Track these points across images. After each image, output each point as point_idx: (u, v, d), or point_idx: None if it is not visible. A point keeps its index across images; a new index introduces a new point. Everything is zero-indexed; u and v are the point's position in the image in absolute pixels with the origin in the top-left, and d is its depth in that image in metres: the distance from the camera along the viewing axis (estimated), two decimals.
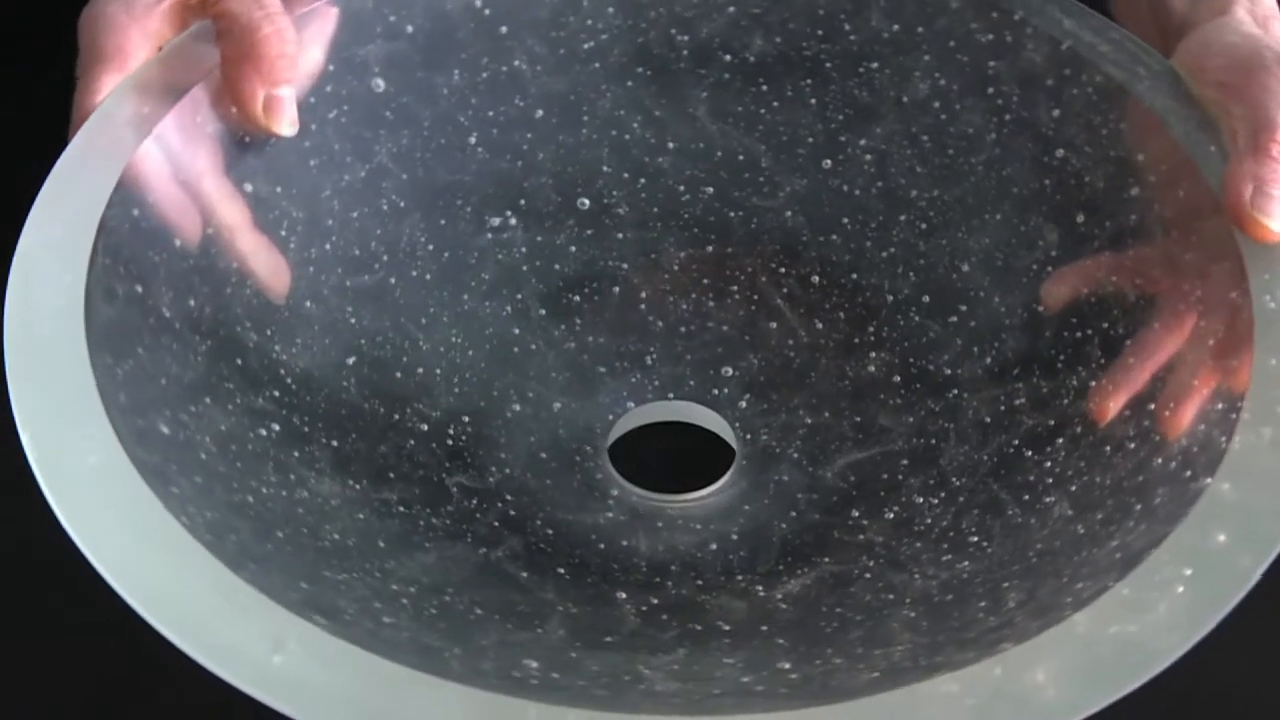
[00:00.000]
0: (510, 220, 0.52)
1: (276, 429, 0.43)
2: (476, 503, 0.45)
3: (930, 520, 0.44)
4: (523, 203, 0.52)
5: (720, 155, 0.53)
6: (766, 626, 0.41)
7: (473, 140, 0.52)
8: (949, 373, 0.49)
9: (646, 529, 0.46)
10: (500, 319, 0.51)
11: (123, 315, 0.41)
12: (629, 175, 0.53)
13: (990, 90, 0.50)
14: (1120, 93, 0.47)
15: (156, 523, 0.35)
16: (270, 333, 0.46)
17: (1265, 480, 0.36)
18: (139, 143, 0.44)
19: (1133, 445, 0.41)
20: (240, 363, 0.44)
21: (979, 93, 0.50)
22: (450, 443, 0.47)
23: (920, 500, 0.45)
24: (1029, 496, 0.43)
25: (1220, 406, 0.39)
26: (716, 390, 0.51)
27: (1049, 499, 0.42)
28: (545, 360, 0.51)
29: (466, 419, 0.48)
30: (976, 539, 0.42)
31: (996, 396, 0.47)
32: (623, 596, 0.43)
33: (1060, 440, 0.44)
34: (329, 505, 0.42)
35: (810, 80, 0.53)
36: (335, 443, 0.45)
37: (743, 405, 0.50)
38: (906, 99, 0.52)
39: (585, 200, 0.53)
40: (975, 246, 0.50)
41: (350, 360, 0.48)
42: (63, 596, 0.43)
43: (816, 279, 0.52)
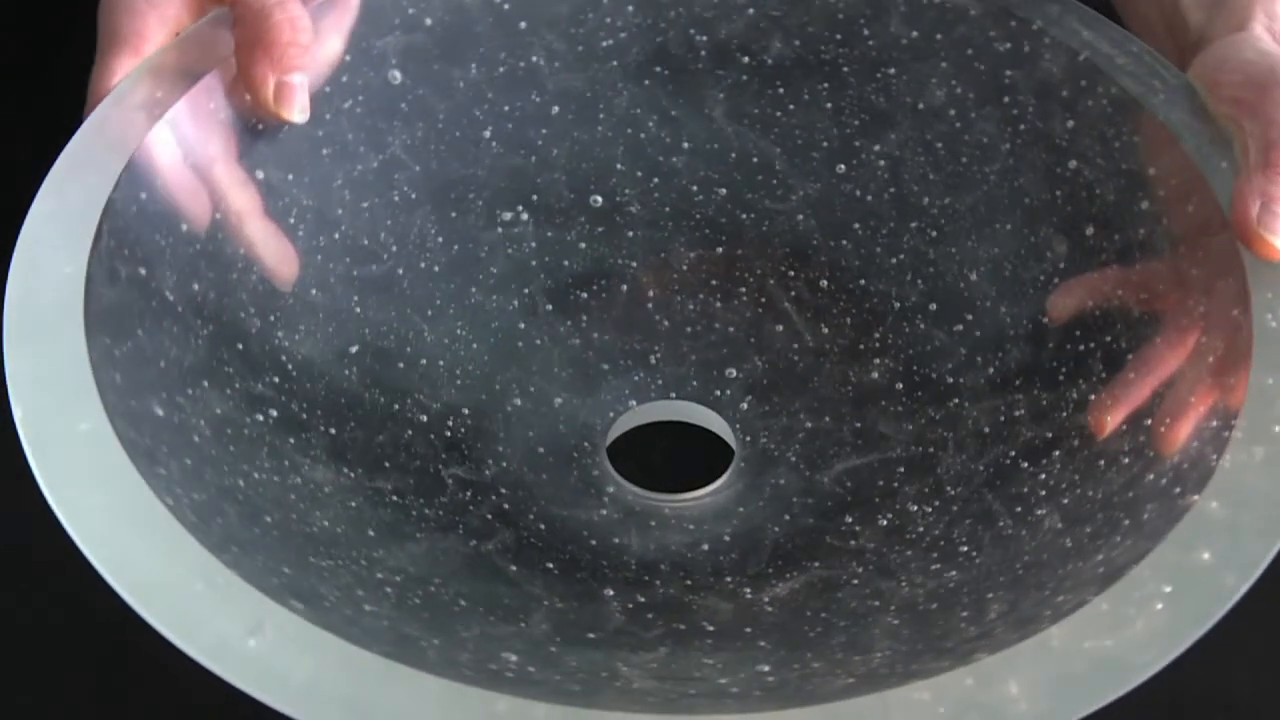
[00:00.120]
0: (522, 215, 0.52)
1: (274, 414, 0.44)
2: (471, 495, 0.46)
3: (922, 529, 0.44)
4: (535, 198, 0.52)
5: (734, 157, 0.53)
6: (750, 629, 0.41)
7: (487, 134, 0.52)
8: (951, 381, 0.48)
9: (640, 527, 0.46)
10: (506, 313, 0.51)
11: (124, 297, 0.41)
12: (642, 174, 0.53)
13: (1006, 99, 0.50)
14: (1135, 106, 0.47)
15: (139, 501, 0.35)
16: (274, 319, 0.46)
17: (1254, 499, 0.36)
18: (150, 126, 0.44)
19: (1127, 460, 0.41)
20: (241, 348, 0.44)
21: (995, 101, 0.50)
22: (449, 434, 0.47)
23: (914, 508, 0.45)
24: (1021, 508, 0.42)
25: (1214, 424, 0.39)
26: (719, 391, 0.51)
27: (1040, 511, 0.42)
28: (549, 356, 0.51)
29: (466, 411, 0.48)
30: (966, 549, 0.42)
31: (997, 407, 0.47)
32: (610, 593, 0.42)
33: (1056, 453, 0.43)
34: (321, 492, 0.42)
35: (827, 84, 0.52)
36: (333, 430, 0.45)
37: (744, 407, 0.50)
38: (922, 105, 0.51)
39: (598, 197, 0.53)
40: (984, 256, 0.50)
41: (353, 349, 0.48)
42: (63, 597, 0.43)
43: (825, 283, 0.52)
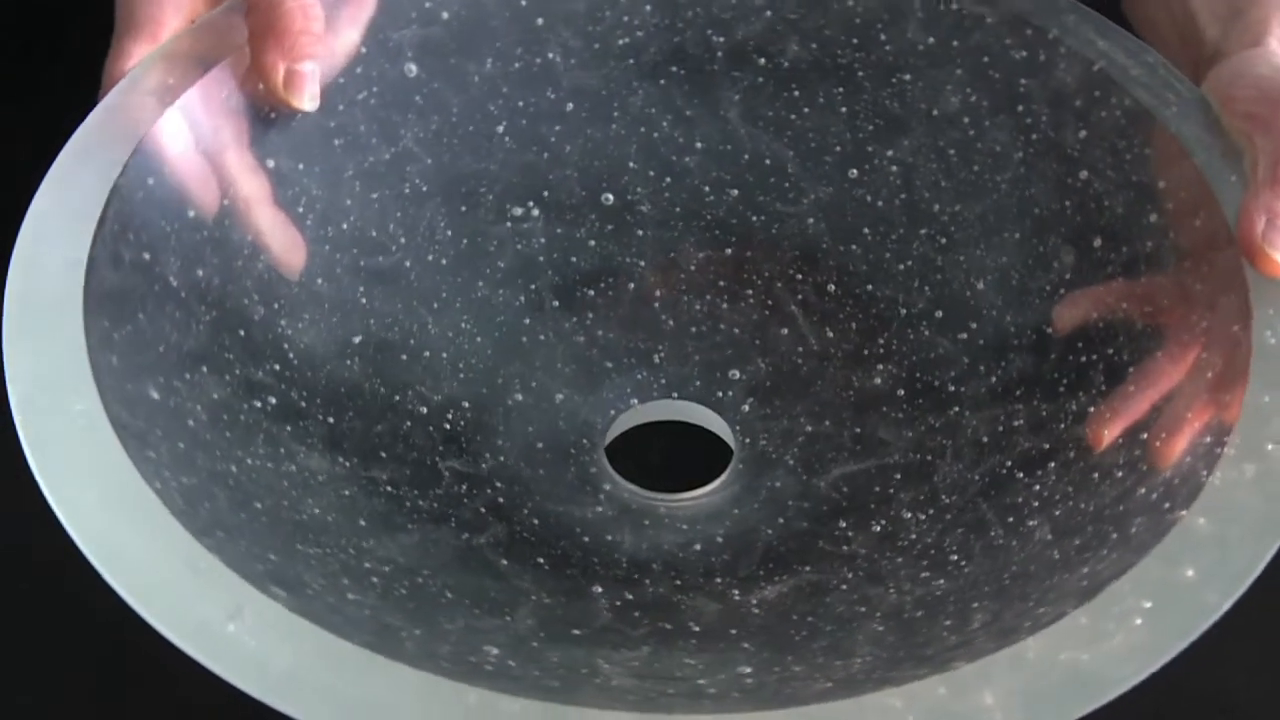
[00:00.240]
0: (532, 211, 0.52)
1: (273, 402, 0.44)
2: (466, 488, 0.46)
3: (915, 536, 0.44)
4: (546, 194, 0.53)
5: (747, 158, 0.53)
6: (735, 630, 0.41)
7: (500, 129, 0.52)
8: (953, 389, 0.48)
9: (633, 526, 0.46)
10: (512, 308, 0.51)
11: (127, 281, 0.42)
12: (655, 173, 0.53)
13: (1020, 108, 0.50)
14: (1147, 118, 0.47)
15: (126, 483, 0.35)
16: (278, 307, 0.46)
17: (1242, 517, 0.36)
18: (160, 112, 0.45)
19: (1120, 474, 0.40)
20: (243, 334, 0.45)
21: (1008, 110, 0.50)
22: (448, 427, 0.48)
23: (908, 516, 0.45)
24: (1013, 519, 0.42)
25: (1208, 440, 0.38)
26: (721, 392, 0.51)
27: (1032, 522, 0.41)
28: (553, 352, 0.51)
29: (467, 404, 0.49)
30: (956, 558, 0.42)
31: (996, 416, 0.46)
32: (598, 590, 0.43)
33: (1052, 464, 0.43)
34: (315, 480, 0.43)
35: (842, 88, 0.52)
36: (331, 419, 0.45)
37: (745, 409, 0.50)
38: (936, 112, 0.51)
39: (609, 195, 0.53)
40: (991, 265, 0.49)
41: (356, 339, 0.48)
42: (63, 597, 0.43)
43: (832, 287, 0.52)
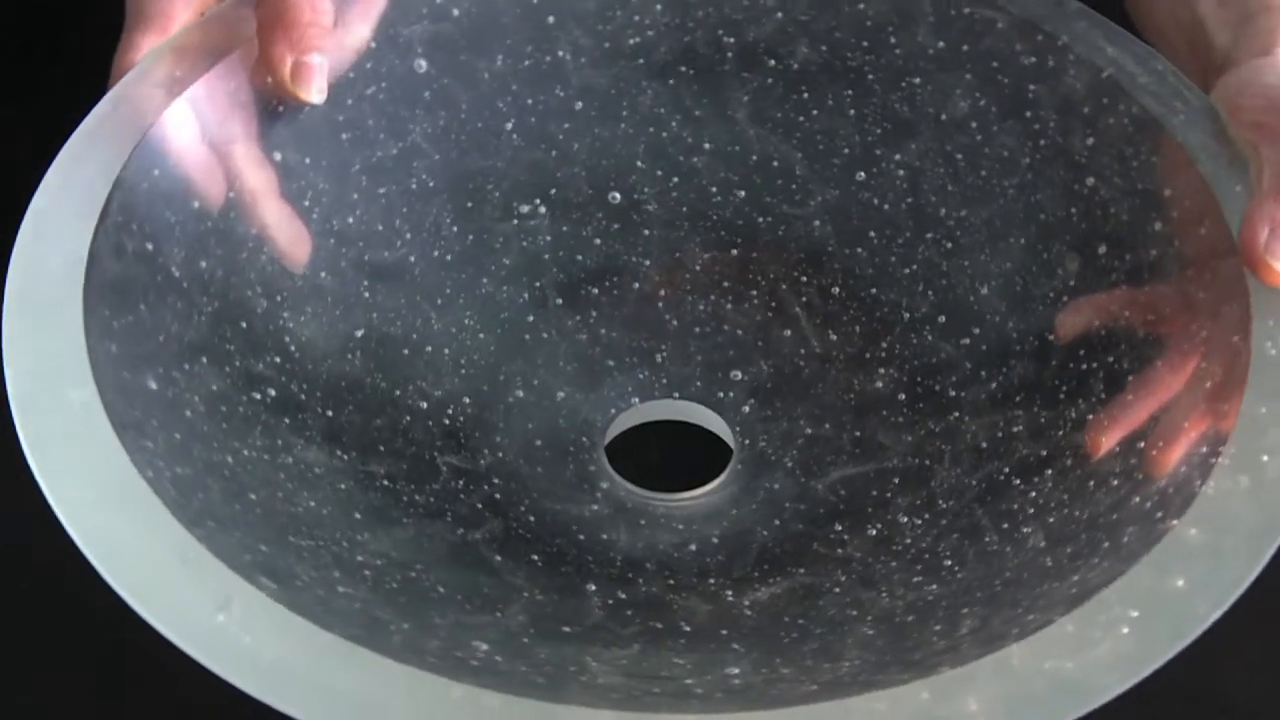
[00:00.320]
0: (539, 209, 0.52)
1: (272, 394, 0.44)
2: (463, 483, 0.46)
3: (910, 540, 0.44)
4: (553, 192, 0.53)
5: (755, 159, 0.53)
6: (726, 631, 0.41)
7: (509, 126, 0.52)
8: (954, 395, 0.48)
9: (630, 525, 0.46)
10: (516, 305, 0.51)
11: (129, 271, 0.42)
12: (662, 173, 0.53)
13: (1028, 114, 0.50)
14: (1155, 125, 0.46)
15: (119, 471, 0.36)
16: (280, 299, 0.46)
17: (1234, 527, 0.36)
18: (167, 104, 0.45)
19: (1116, 482, 0.40)
20: (245, 326, 0.45)
21: (1017, 115, 0.50)
22: (447, 422, 0.48)
23: (904, 520, 0.45)
24: (1008, 525, 0.42)
25: (1204, 449, 0.38)
26: (722, 393, 0.51)
27: (1027, 529, 0.41)
28: (555, 349, 0.51)
29: (467, 400, 0.49)
30: (950, 563, 0.42)
31: (996, 422, 0.46)
32: (592, 589, 0.43)
33: (1049, 471, 0.43)
34: (311, 473, 0.43)
35: (852, 91, 0.52)
36: (330, 413, 0.45)
37: (746, 410, 0.50)
38: (945, 116, 0.51)
39: (616, 194, 0.53)
40: (996, 270, 0.49)
41: (359, 333, 0.48)
42: (63, 597, 0.43)
43: (837, 290, 0.52)
